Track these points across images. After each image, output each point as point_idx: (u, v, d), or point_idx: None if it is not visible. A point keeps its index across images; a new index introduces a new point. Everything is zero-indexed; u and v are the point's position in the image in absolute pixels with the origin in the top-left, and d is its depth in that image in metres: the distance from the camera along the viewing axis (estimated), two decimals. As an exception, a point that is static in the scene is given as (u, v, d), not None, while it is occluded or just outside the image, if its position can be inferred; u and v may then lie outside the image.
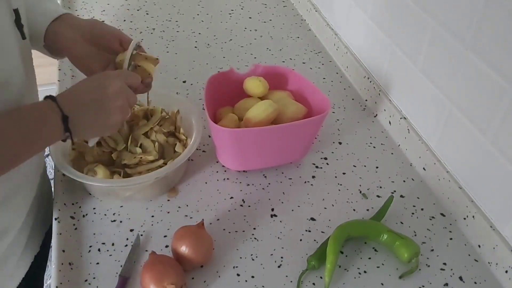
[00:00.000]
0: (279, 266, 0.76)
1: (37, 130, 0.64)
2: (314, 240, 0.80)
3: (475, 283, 0.75)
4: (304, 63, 1.22)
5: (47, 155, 1.27)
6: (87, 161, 0.84)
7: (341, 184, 0.90)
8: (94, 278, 0.73)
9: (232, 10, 1.43)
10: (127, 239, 0.79)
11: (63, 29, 0.78)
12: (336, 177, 0.92)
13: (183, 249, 0.72)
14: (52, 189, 0.93)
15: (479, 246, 0.80)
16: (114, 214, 0.83)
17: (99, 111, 0.69)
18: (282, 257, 0.77)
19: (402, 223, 0.84)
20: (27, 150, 0.64)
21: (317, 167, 0.94)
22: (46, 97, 0.66)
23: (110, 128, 0.72)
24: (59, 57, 0.84)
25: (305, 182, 0.90)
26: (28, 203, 0.80)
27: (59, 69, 1.12)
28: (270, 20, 1.39)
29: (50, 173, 2.23)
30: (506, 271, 0.74)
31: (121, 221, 0.82)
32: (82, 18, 0.82)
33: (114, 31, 0.81)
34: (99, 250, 0.77)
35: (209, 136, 0.93)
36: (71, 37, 0.78)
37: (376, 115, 1.06)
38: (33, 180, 0.82)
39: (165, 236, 0.79)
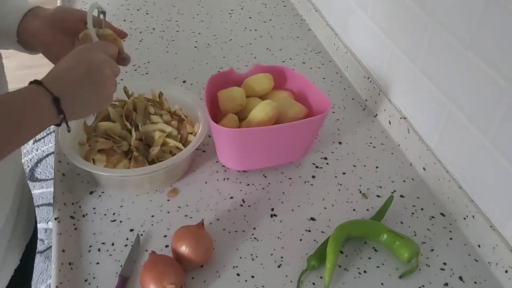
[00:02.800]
0: (279, 266, 0.76)
1: (28, 117, 0.60)
2: (314, 240, 0.80)
3: (475, 283, 0.75)
4: (304, 63, 1.22)
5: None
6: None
7: (341, 184, 0.90)
8: (94, 278, 0.73)
9: (232, 10, 1.43)
10: (127, 239, 0.79)
11: (29, 21, 0.76)
12: (336, 177, 0.92)
13: (183, 249, 0.72)
14: (33, 199, 0.92)
15: (479, 246, 0.80)
16: (114, 214, 0.83)
17: (90, 84, 0.66)
18: (282, 257, 0.77)
19: (402, 223, 0.84)
20: (19, 138, 0.61)
21: (317, 167, 0.94)
22: (31, 82, 0.63)
23: (105, 100, 0.69)
24: (34, 52, 0.81)
25: (305, 182, 0.90)
26: (2, 215, 0.78)
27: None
28: (270, 20, 1.39)
29: (50, 173, 2.23)
30: (506, 271, 0.74)
31: (121, 221, 0.82)
32: (49, 8, 0.79)
33: (77, 13, 0.78)
34: (99, 250, 0.77)
35: (209, 136, 0.93)
36: (36, 27, 0.76)
37: (376, 115, 1.06)
38: (7, 189, 0.79)
39: (165, 236, 0.79)
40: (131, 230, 0.80)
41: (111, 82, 0.69)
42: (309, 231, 0.82)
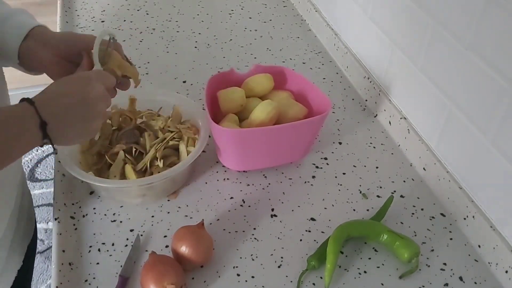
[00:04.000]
0: (279, 266, 0.76)
1: (14, 137, 0.59)
2: (314, 240, 0.80)
3: (475, 283, 0.75)
4: (304, 63, 1.22)
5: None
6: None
7: (341, 184, 0.90)
8: (94, 278, 0.73)
9: (232, 10, 1.43)
10: (127, 239, 0.79)
11: (36, 48, 0.73)
12: (336, 177, 0.92)
13: (183, 249, 0.72)
14: (33, 199, 0.92)
15: (479, 246, 0.79)
16: (114, 214, 0.83)
17: (80, 116, 0.65)
18: (282, 257, 0.77)
19: (402, 223, 0.84)
20: (3, 158, 0.60)
21: (317, 167, 0.94)
22: (23, 100, 0.61)
23: (90, 133, 0.68)
24: (36, 73, 0.79)
25: (305, 182, 0.90)
26: (5, 217, 0.78)
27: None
28: (270, 20, 1.39)
29: (51, 173, 2.23)
30: (506, 271, 0.74)
31: (121, 221, 0.82)
32: (54, 32, 0.77)
33: (85, 39, 0.75)
34: (99, 250, 0.77)
35: (209, 136, 0.92)
36: (45, 56, 0.73)
37: (376, 115, 1.06)
38: (9, 193, 0.79)
39: (165, 236, 0.79)
40: (131, 230, 0.80)
41: (101, 117, 0.68)
42: (309, 231, 0.82)
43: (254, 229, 0.81)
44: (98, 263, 0.75)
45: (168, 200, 0.85)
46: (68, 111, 0.63)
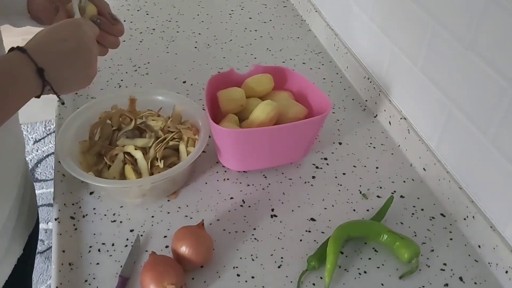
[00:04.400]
0: (279, 267, 0.76)
1: (9, 86, 0.57)
2: (314, 241, 0.80)
3: (475, 283, 0.75)
4: (304, 63, 1.22)
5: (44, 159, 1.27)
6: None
7: (341, 185, 0.90)
8: (94, 278, 0.73)
9: (232, 10, 1.43)
10: (127, 239, 0.79)
11: None
12: (336, 177, 0.92)
13: (183, 249, 0.72)
14: (36, 191, 0.92)
15: (479, 246, 0.79)
16: (114, 214, 0.83)
17: (78, 60, 0.64)
18: (282, 258, 0.77)
19: (402, 223, 0.84)
20: (3, 111, 0.58)
21: (317, 167, 0.94)
22: (13, 49, 0.60)
23: (87, 80, 0.67)
24: (47, 23, 0.77)
25: (305, 182, 0.90)
26: (7, 205, 0.79)
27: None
28: (270, 20, 1.39)
29: (51, 173, 2.23)
30: (506, 272, 0.74)
31: (121, 222, 0.82)
32: None
33: None
34: (99, 250, 0.77)
35: (209, 137, 0.92)
36: (41, 2, 0.75)
37: (376, 115, 1.06)
38: (11, 181, 0.80)
39: (165, 237, 0.79)
40: (131, 231, 0.80)
41: (96, 62, 0.67)
42: (309, 231, 0.82)
43: (254, 229, 0.81)
44: (98, 264, 0.75)
45: (168, 200, 0.85)
46: (65, 56, 0.63)
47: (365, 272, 0.76)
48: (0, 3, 0.76)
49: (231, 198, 0.87)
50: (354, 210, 0.85)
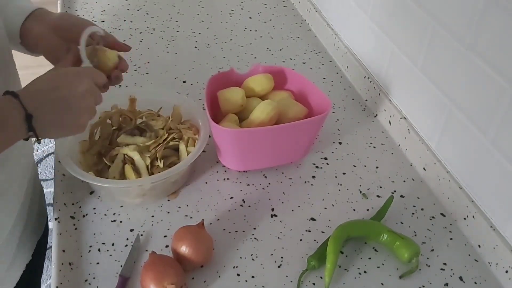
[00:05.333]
0: (279, 266, 0.76)
1: None
2: (314, 240, 0.80)
3: (475, 283, 0.75)
4: (304, 63, 1.22)
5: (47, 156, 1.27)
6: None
7: (341, 184, 0.90)
8: (94, 278, 0.73)
9: (232, 10, 1.43)
10: (127, 239, 0.79)
11: (32, 24, 0.76)
12: (336, 177, 0.92)
13: (183, 249, 0.72)
14: (45, 195, 0.92)
15: (479, 246, 0.80)
16: (114, 214, 0.83)
17: (66, 110, 0.64)
18: (282, 257, 0.77)
19: (402, 223, 0.84)
20: None
21: (317, 167, 0.94)
22: (7, 93, 0.61)
23: (77, 128, 0.68)
24: (36, 54, 0.80)
25: (305, 182, 0.90)
26: (15, 210, 0.79)
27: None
28: (270, 20, 1.39)
29: (51, 173, 2.23)
30: (506, 271, 0.74)
31: (121, 221, 0.82)
32: (53, 13, 0.79)
33: (81, 23, 0.76)
34: (99, 250, 0.77)
35: (209, 136, 0.92)
36: (38, 30, 0.75)
37: (376, 115, 1.06)
38: (18, 187, 0.80)
39: (165, 236, 0.79)
40: (131, 230, 0.80)
41: (89, 113, 0.68)
42: (309, 231, 0.82)
43: (254, 229, 0.81)
44: (98, 263, 0.75)
45: (168, 200, 0.85)
46: (54, 105, 0.63)
47: (365, 271, 0.76)
48: None
49: (231, 197, 0.87)
50: (354, 210, 0.85)
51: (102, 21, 1.34)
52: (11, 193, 0.77)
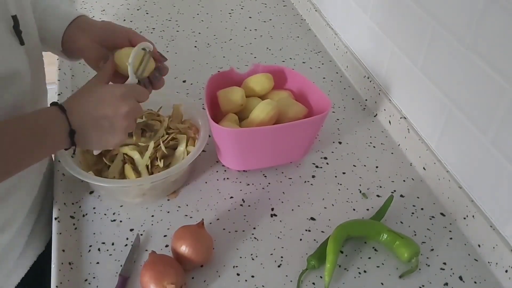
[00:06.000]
0: (279, 266, 0.76)
1: (43, 141, 0.64)
2: (314, 240, 0.80)
3: (475, 282, 0.75)
4: (304, 62, 1.22)
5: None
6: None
7: (341, 184, 0.90)
8: (94, 277, 0.73)
9: (232, 9, 1.43)
10: (127, 238, 0.79)
11: (75, 33, 0.79)
12: (336, 176, 0.92)
13: (183, 248, 0.72)
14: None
15: (479, 245, 0.80)
16: (114, 213, 0.83)
17: (108, 129, 0.69)
18: (282, 257, 0.77)
19: (402, 222, 0.84)
20: (30, 158, 0.65)
21: (317, 166, 0.94)
22: (54, 104, 0.66)
23: (114, 145, 0.72)
24: (76, 60, 0.85)
25: (305, 181, 0.90)
26: (28, 201, 0.80)
27: (59, 69, 1.12)
28: (270, 19, 1.39)
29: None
30: (506, 271, 0.74)
31: (121, 221, 0.82)
32: (95, 21, 0.82)
33: (124, 32, 0.79)
34: (99, 249, 0.77)
35: (209, 136, 0.92)
36: (83, 41, 0.78)
37: (376, 114, 1.06)
38: (33, 178, 0.81)
39: (165, 236, 0.79)
40: (131, 230, 0.80)
41: (127, 131, 0.71)
42: (309, 230, 0.82)
43: (254, 228, 0.81)
44: (98, 263, 0.75)
45: (168, 200, 0.85)
46: (98, 123, 0.68)
47: (365, 271, 0.76)
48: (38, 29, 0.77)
49: (231, 197, 0.87)
50: (354, 210, 0.85)
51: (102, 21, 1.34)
52: (24, 187, 0.78)
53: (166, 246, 0.78)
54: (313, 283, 0.74)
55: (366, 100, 1.10)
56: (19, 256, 0.80)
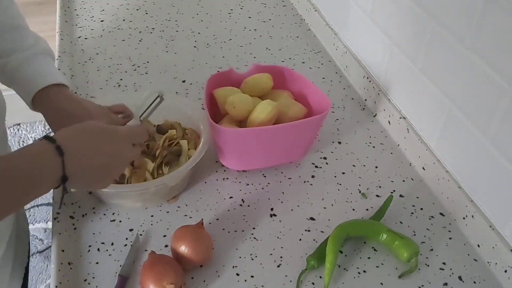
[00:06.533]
0: (278, 266, 0.76)
1: (35, 187, 0.57)
2: (314, 240, 0.80)
3: (475, 282, 0.75)
4: (303, 62, 1.22)
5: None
6: None
7: (340, 184, 0.90)
8: (93, 277, 0.73)
9: (231, 9, 1.43)
10: (127, 238, 0.79)
11: (45, 111, 0.75)
12: (335, 176, 0.92)
13: (183, 248, 0.72)
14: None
15: (479, 245, 0.80)
16: (113, 214, 0.83)
17: (102, 175, 0.65)
18: (281, 257, 0.77)
19: (401, 222, 0.84)
20: (15, 203, 0.56)
21: (316, 166, 0.94)
22: (49, 139, 0.58)
23: (105, 186, 0.68)
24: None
25: (305, 181, 0.90)
26: (5, 238, 0.79)
27: (59, 69, 1.12)
28: (270, 19, 1.39)
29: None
30: (506, 271, 0.74)
31: (120, 221, 0.82)
32: (72, 99, 0.76)
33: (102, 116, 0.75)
34: (98, 249, 0.77)
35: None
36: (52, 119, 0.75)
37: (376, 114, 1.06)
38: (4, 226, 0.80)
39: (164, 236, 0.79)
40: (131, 230, 0.80)
41: (119, 175, 0.69)
42: (309, 230, 0.82)
43: (254, 228, 0.81)
44: (97, 263, 0.75)
45: (168, 200, 0.85)
46: (92, 170, 0.63)
47: (364, 271, 0.76)
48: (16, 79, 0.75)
49: (231, 197, 0.87)
50: (353, 210, 0.85)
51: (101, 21, 1.34)
52: (2, 222, 0.76)
53: (166, 246, 0.78)
54: (313, 283, 0.74)
55: (365, 100, 1.10)
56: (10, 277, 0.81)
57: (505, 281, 0.74)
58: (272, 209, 0.85)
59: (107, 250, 0.77)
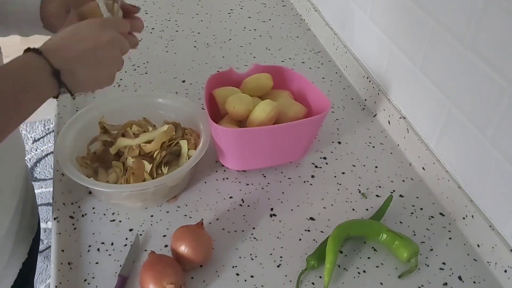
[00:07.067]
0: (278, 266, 0.76)
1: (24, 89, 0.57)
2: (314, 240, 0.80)
3: (474, 282, 0.75)
4: (303, 62, 1.22)
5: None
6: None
7: (340, 184, 0.90)
8: (93, 277, 0.73)
9: (231, 9, 1.43)
10: (126, 238, 0.79)
11: (45, 3, 0.74)
12: (335, 176, 0.92)
13: (183, 248, 0.72)
14: (35, 190, 0.91)
15: (478, 245, 0.80)
16: (113, 213, 0.83)
17: (94, 61, 0.63)
18: (281, 257, 0.77)
19: (401, 222, 0.84)
20: (17, 113, 0.57)
21: (316, 166, 0.94)
22: (28, 50, 0.59)
23: (106, 80, 0.67)
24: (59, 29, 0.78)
25: (305, 181, 0.90)
26: (11, 208, 0.79)
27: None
28: (270, 19, 1.39)
29: (50, 173, 2.23)
30: (505, 271, 0.74)
31: (120, 221, 0.82)
32: None
33: None
34: (98, 249, 0.77)
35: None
36: (53, 9, 0.74)
37: (376, 114, 1.06)
38: (15, 184, 0.80)
39: (164, 236, 0.79)
40: (131, 230, 0.80)
41: (116, 63, 0.67)
42: (309, 230, 0.82)
43: (254, 228, 0.81)
44: (97, 263, 0.75)
45: (168, 201, 0.85)
46: (81, 57, 0.62)
47: (364, 271, 0.76)
48: (12, 12, 0.75)
49: (231, 197, 0.87)
50: (353, 210, 0.85)
51: None
52: (7, 192, 0.77)
53: (166, 246, 0.78)
54: (313, 283, 0.74)
55: (365, 100, 1.10)
56: (6, 265, 0.80)
57: (505, 281, 0.74)
58: (272, 209, 0.85)
59: (107, 250, 0.77)
